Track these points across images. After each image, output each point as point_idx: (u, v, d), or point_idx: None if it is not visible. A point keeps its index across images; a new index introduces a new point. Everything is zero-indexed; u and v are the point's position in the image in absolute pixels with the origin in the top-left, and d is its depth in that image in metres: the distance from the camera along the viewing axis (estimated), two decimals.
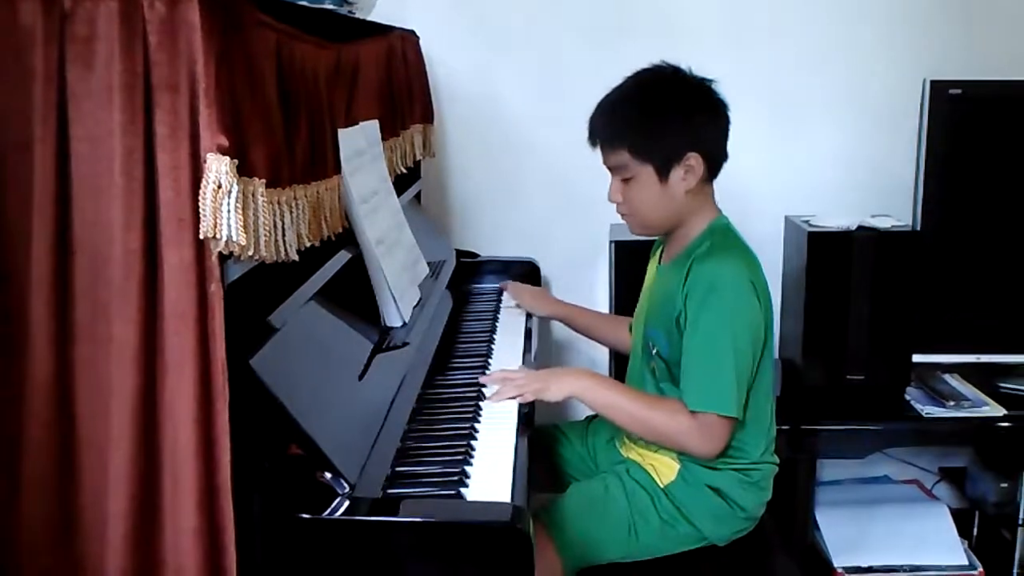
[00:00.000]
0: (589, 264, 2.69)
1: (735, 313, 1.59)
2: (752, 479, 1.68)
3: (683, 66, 1.68)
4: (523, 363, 1.93)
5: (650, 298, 1.79)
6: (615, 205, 1.73)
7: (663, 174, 1.64)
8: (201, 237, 1.05)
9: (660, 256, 1.82)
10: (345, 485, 1.23)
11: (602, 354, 2.57)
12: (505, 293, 2.35)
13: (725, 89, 1.69)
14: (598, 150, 1.71)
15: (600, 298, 2.66)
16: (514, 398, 1.66)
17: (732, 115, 1.69)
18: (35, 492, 1.10)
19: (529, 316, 2.24)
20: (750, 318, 1.60)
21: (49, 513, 1.11)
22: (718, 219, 1.71)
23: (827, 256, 2.29)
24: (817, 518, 2.53)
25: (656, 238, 1.86)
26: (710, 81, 1.68)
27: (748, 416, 1.63)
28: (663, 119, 1.64)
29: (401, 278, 1.79)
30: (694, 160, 1.64)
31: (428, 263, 2.06)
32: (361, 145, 1.69)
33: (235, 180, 1.05)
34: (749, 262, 1.65)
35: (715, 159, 1.68)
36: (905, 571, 2.43)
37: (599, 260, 2.62)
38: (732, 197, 1.75)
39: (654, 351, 1.72)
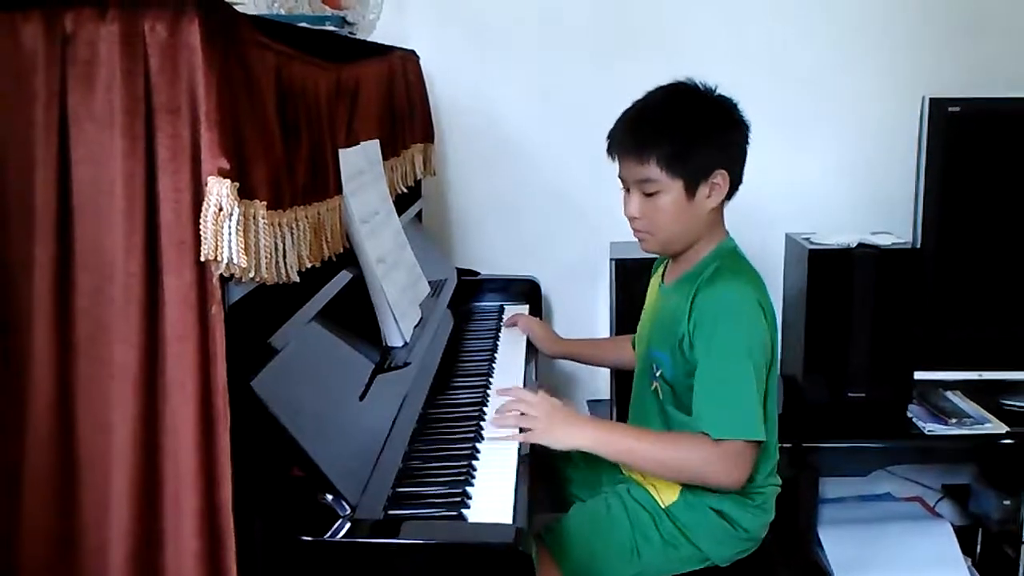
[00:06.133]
0: (590, 282, 2.69)
1: (749, 335, 1.57)
2: (755, 502, 1.66)
3: (707, 84, 1.66)
4: (524, 382, 1.93)
5: (653, 319, 1.78)
6: (630, 221, 1.68)
7: (691, 190, 1.61)
8: (202, 260, 1.05)
9: (663, 275, 1.80)
10: (346, 507, 1.23)
11: (603, 372, 2.57)
12: (507, 319, 2.32)
13: None
14: (615, 163, 1.67)
15: (600, 316, 2.66)
16: (515, 436, 1.60)
17: None
18: (36, 513, 1.10)
19: None
20: (761, 339, 1.58)
21: (50, 534, 1.10)
22: (726, 241, 1.70)
23: (828, 273, 2.29)
24: (820, 536, 2.52)
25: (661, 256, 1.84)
26: (734, 101, 1.67)
27: None
28: (698, 134, 1.61)
29: (402, 298, 1.79)
30: (720, 178, 1.62)
31: (429, 282, 2.06)
32: (362, 165, 1.70)
33: (236, 203, 1.05)
34: (756, 283, 1.63)
35: (737, 179, 1.66)
36: None
37: (600, 278, 2.63)
38: (733, 214, 1.75)
39: (658, 373, 1.70)
